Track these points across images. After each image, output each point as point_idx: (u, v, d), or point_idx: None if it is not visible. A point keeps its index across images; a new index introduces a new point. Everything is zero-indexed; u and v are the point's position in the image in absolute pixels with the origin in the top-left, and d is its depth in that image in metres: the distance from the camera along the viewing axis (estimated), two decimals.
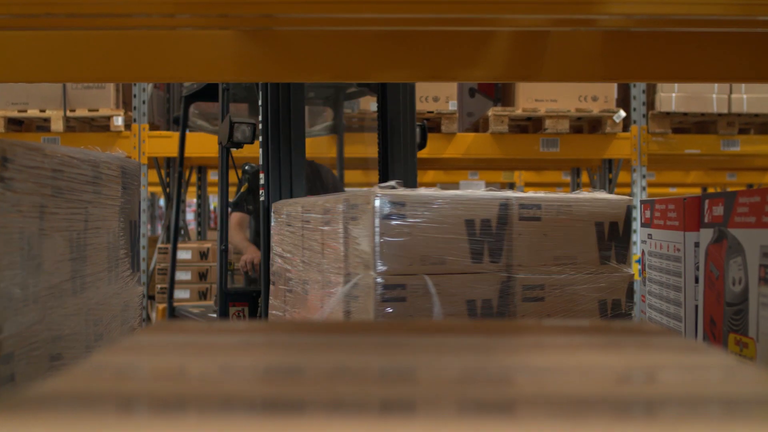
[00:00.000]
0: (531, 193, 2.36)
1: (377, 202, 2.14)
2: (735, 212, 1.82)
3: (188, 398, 0.66)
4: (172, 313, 4.43)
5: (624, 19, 2.08)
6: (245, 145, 3.61)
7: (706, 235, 1.97)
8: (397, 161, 3.58)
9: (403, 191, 2.19)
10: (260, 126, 3.39)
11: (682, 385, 0.74)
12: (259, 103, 3.41)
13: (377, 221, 2.14)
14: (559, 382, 0.72)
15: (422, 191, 2.22)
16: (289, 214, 2.78)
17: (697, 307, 2.03)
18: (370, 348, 0.85)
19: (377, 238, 2.14)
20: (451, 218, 2.21)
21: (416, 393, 0.68)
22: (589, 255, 2.42)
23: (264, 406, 0.65)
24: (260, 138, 3.39)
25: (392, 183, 2.26)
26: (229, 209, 4.01)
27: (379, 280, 2.14)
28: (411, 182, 3.59)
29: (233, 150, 3.72)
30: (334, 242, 2.39)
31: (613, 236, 2.47)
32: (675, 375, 0.77)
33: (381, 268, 2.14)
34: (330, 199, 2.45)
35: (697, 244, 2.03)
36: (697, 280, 2.03)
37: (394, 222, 2.15)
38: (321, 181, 4.15)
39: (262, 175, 3.36)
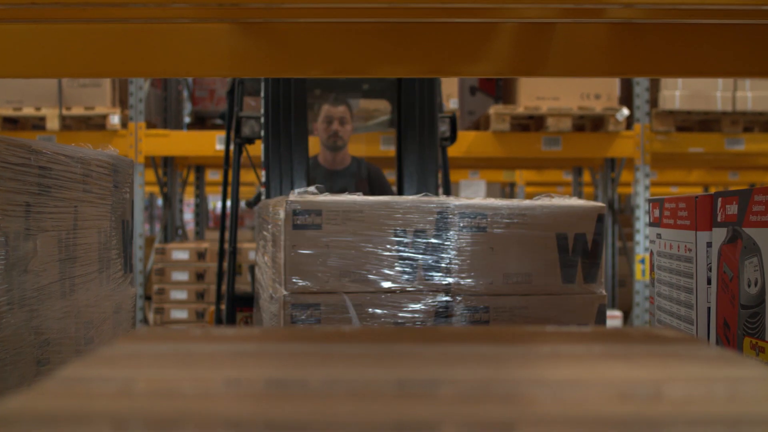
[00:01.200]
0: (477, 200, 2.06)
1: (288, 210, 1.93)
2: (750, 210, 1.75)
3: (166, 420, 0.59)
4: (219, 318, 4.02)
5: (632, 10, 2.01)
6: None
7: (719, 235, 1.89)
8: (411, 158, 3.30)
9: (320, 198, 1.97)
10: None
11: (720, 403, 0.66)
12: (261, 95, 3.27)
13: (288, 231, 1.93)
14: (581, 400, 0.65)
15: (342, 197, 1.98)
16: (256, 219, 2.65)
17: (709, 309, 1.95)
18: (373, 359, 0.78)
19: (288, 251, 1.92)
20: (377, 228, 1.96)
21: (429, 413, 0.60)
22: (548, 273, 2.07)
23: (255, 431, 0.57)
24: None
25: (312, 188, 2.03)
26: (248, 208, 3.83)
27: (289, 298, 1.94)
28: (432, 182, 3.30)
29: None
30: (269, 252, 2.24)
31: (580, 250, 2.10)
32: (710, 390, 0.70)
33: (292, 284, 1.93)
34: (271, 203, 2.28)
35: (709, 244, 1.95)
36: (709, 282, 1.96)
37: (309, 232, 1.93)
38: (368, 181, 3.89)
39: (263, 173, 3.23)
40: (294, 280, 1.94)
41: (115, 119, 5.97)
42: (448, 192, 3.83)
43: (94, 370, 0.71)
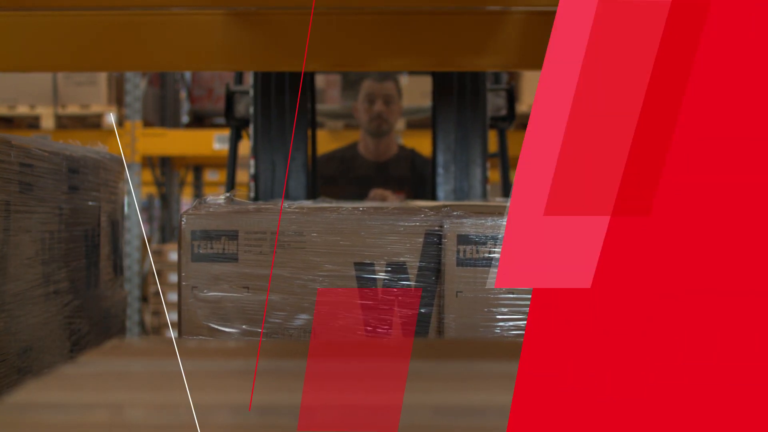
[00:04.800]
0: (483, 217, 1.35)
1: (185, 230, 1.34)
2: None
3: None
4: None
5: None
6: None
7: None
8: (447, 144, 2.62)
9: (233, 210, 1.36)
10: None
11: None
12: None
13: (186, 263, 1.33)
14: None
15: (272, 210, 1.37)
16: None
17: None
18: (381, 379, 0.67)
19: (185, 295, 1.33)
20: (328, 260, 1.32)
21: None
22: None
23: None
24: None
25: (220, 197, 1.44)
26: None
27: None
28: (476, 176, 2.64)
29: None
30: None
31: None
32: None
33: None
34: None
35: None
36: None
37: (218, 266, 1.32)
38: (415, 175, 3.27)
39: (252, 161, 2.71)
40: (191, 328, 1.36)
41: (111, 118, 5.87)
42: (507, 191, 3.19)
43: (48, 394, 0.60)
